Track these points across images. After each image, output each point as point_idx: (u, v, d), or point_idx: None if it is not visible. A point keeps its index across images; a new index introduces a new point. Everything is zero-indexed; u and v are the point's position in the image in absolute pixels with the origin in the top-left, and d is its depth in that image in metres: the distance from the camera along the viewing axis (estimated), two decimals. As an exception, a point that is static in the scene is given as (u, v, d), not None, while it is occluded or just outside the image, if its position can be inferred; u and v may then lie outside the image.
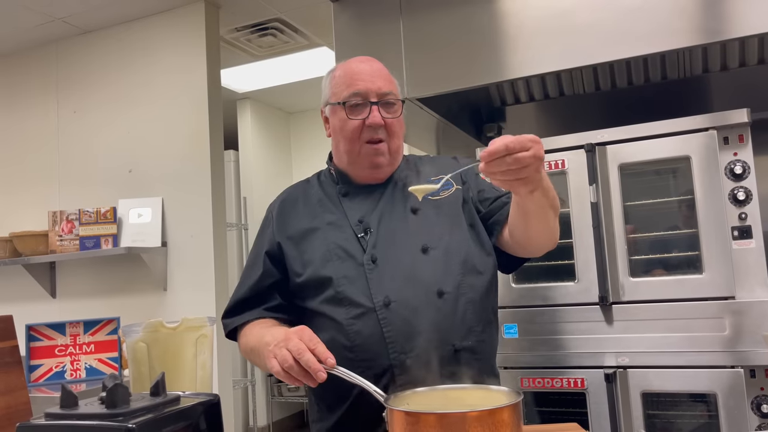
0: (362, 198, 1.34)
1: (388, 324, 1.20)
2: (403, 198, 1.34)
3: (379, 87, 1.31)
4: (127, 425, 0.71)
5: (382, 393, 0.98)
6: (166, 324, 0.99)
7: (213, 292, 3.25)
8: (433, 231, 1.29)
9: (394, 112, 1.33)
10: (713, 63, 2.24)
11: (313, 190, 1.42)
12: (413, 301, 1.21)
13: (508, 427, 0.82)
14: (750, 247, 1.91)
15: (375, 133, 1.31)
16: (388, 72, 1.37)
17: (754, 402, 1.85)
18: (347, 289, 1.24)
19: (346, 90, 1.32)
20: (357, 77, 1.32)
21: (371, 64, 1.36)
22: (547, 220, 1.23)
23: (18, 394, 1.03)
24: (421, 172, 1.39)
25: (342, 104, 1.32)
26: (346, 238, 1.29)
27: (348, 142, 1.33)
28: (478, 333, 1.25)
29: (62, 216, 3.37)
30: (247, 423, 4.90)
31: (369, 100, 1.30)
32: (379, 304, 1.21)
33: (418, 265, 1.25)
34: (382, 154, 1.32)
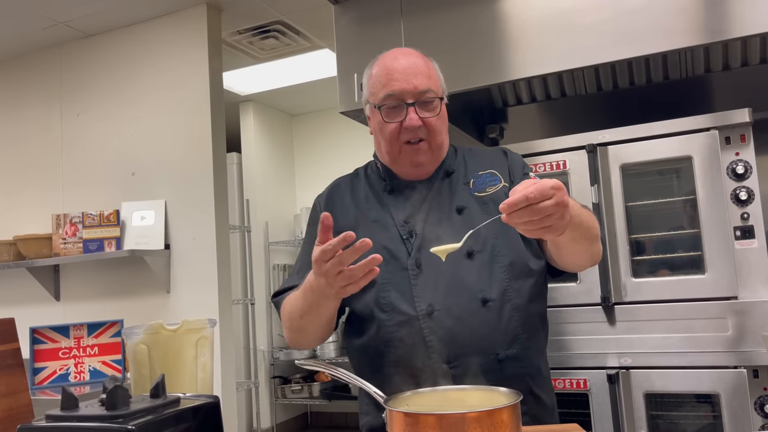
0: (407, 195, 1.32)
1: (431, 333, 1.18)
2: (449, 193, 1.31)
3: (415, 86, 1.26)
4: (127, 427, 0.71)
5: (381, 394, 0.98)
6: (166, 326, 1.00)
7: (216, 295, 3.25)
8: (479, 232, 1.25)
9: (432, 110, 1.28)
10: (715, 63, 2.24)
11: (360, 183, 1.40)
12: (456, 309, 1.19)
13: (507, 427, 0.82)
14: (752, 247, 1.90)
15: (414, 135, 1.27)
16: (426, 65, 1.30)
17: (757, 402, 1.85)
18: (391, 295, 1.23)
19: (381, 91, 1.28)
20: (391, 77, 1.27)
21: (407, 59, 1.29)
22: (581, 250, 1.19)
23: (20, 396, 1.03)
24: (469, 165, 1.37)
25: (378, 107, 1.29)
26: (391, 238, 1.27)
27: (387, 144, 1.30)
28: (524, 340, 1.22)
29: (66, 219, 3.38)
30: (250, 425, 4.90)
31: (405, 102, 1.26)
32: (422, 313, 1.20)
33: (463, 272, 1.22)
34: (423, 153, 1.29)
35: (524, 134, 2.73)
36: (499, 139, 2.82)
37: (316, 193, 1.49)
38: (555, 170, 2.16)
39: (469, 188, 1.32)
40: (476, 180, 1.33)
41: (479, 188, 1.31)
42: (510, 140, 2.76)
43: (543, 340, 1.33)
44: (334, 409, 5.23)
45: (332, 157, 5.41)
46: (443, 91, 1.33)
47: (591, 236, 1.19)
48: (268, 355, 5.03)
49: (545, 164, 2.18)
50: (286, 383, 5.02)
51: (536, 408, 1.24)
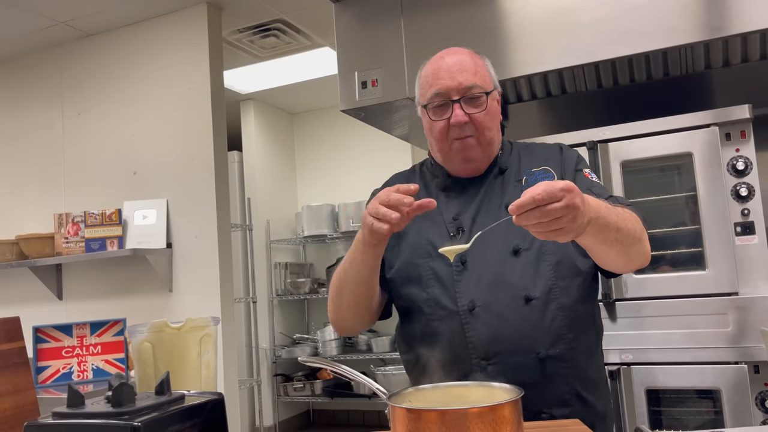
0: (459, 192, 1.33)
1: (471, 329, 1.19)
2: (500, 193, 1.31)
3: (460, 83, 1.26)
4: (133, 423, 0.72)
5: (384, 390, 0.99)
6: (170, 324, 1.00)
7: (218, 293, 3.26)
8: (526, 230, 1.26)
9: (479, 106, 1.27)
10: (715, 59, 2.24)
11: (415, 179, 1.41)
12: (498, 306, 1.19)
13: (508, 423, 0.83)
14: (753, 243, 1.91)
15: (462, 132, 1.28)
16: (473, 62, 1.30)
17: (758, 397, 1.85)
18: (434, 291, 1.24)
19: (428, 90, 1.30)
20: (437, 76, 1.29)
21: (454, 56, 1.30)
22: (614, 252, 1.15)
23: (26, 394, 1.04)
24: (522, 161, 1.36)
25: (425, 107, 1.30)
26: (439, 234, 1.28)
27: (437, 142, 1.32)
28: (569, 341, 1.20)
29: (68, 218, 3.39)
30: (253, 423, 4.92)
31: (450, 99, 1.27)
32: (464, 309, 1.20)
33: (507, 269, 1.22)
34: (473, 149, 1.29)
35: (525, 131, 2.73)
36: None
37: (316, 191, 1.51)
38: (556, 167, 2.17)
39: (521, 185, 1.31)
40: (529, 177, 1.33)
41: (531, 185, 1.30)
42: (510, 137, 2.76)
43: (594, 341, 1.30)
44: (336, 407, 5.24)
45: (333, 156, 5.41)
46: (494, 85, 1.33)
47: (626, 238, 1.13)
48: (270, 353, 5.04)
49: (546, 161, 2.18)
50: (288, 381, 5.04)
51: (584, 412, 1.19)
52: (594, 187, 1.28)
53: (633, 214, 1.20)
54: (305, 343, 5.03)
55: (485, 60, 1.35)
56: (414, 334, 1.28)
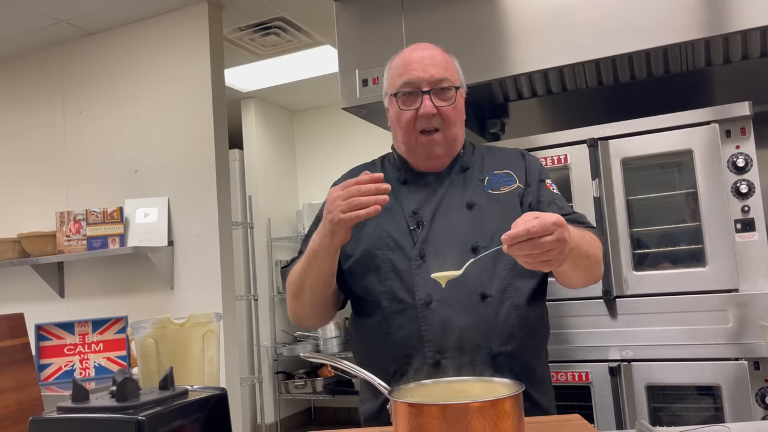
0: (420, 187, 1.34)
1: (427, 323, 1.20)
2: (461, 189, 1.33)
3: (431, 75, 1.29)
4: (137, 418, 0.72)
5: (386, 386, 0.99)
6: (173, 320, 1.01)
7: (219, 291, 3.27)
8: (486, 229, 1.27)
9: (447, 99, 1.30)
10: (716, 56, 2.24)
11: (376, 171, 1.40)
12: (454, 302, 1.20)
13: (509, 417, 0.84)
14: (753, 239, 1.91)
15: (429, 123, 1.29)
16: (444, 57, 1.34)
17: (758, 394, 1.86)
18: (392, 283, 1.25)
19: (398, 80, 1.32)
20: (409, 66, 1.30)
21: (426, 51, 1.33)
22: (577, 275, 1.21)
23: (30, 390, 1.05)
24: (485, 162, 1.38)
25: (395, 95, 1.32)
26: (399, 228, 1.29)
27: (404, 133, 1.33)
28: (520, 339, 1.23)
29: (69, 216, 3.40)
30: (254, 420, 4.93)
31: (420, 89, 1.29)
32: (420, 302, 1.21)
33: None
34: (439, 144, 1.31)
35: (525, 129, 2.74)
36: (500, 134, 2.83)
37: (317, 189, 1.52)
38: (556, 164, 2.17)
39: (483, 185, 1.33)
40: (491, 178, 1.35)
41: (493, 186, 1.33)
42: (511, 135, 2.77)
43: (541, 341, 1.33)
44: (337, 404, 5.25)
45: (333, 153, 5.42)
46: (461, 83, 1.36)
47: (591, 264, 1.21)
48: (271, 351, 5.05)
49: (546, 158, 2.19)
50: (290, 379, 5.05)
51: (531, 410, 1.23)
52: (557, 200, 1.35)
53: (595, 238, 1.27)
54: (306, 341, 5.04)
55: (454, 59, 1.38)
56: (369, 326, 1.28)
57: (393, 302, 1.24)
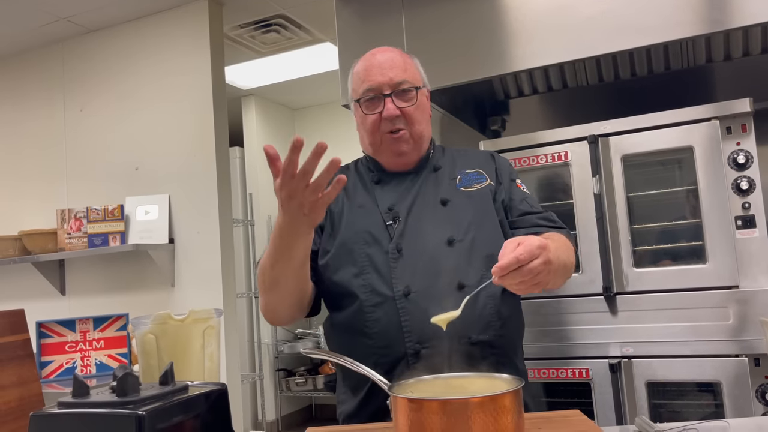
0: (394, 186, 1.37)
1: (406, 314, 1.22)
2: (435, 187, 1.36)
3: (391, 78, 1.33)
4: (138, 413, 0.73)
5: (386, 381, 1.00)
6: (173, 316, 1.01)
7: (220, 288, 3.27)
8: (461, 223, 1.30)
9: (409, 100, 1.34)
10: (717, 53, 2.24)
11: (350, 176, 1.45)
12: (432, 291, 1.22)
13: (509, 413, 0.84)
14: (753, 236, 1.91)
15: (393, 125, 1.33)
16: (403, 59, 1.37)
17: (758, 390, 1.86)
18: (370, 277, 1.26)
19: (360, 86, 1.36)
20: (369, 72, 1.35)
21: (385, 54, 1.37)
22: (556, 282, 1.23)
23: (31, 386, 1.05)
24: (457, 163, 1.41)
25: (358, 101, 1.36)
26: (375, 223, 1.31)
27: (369, 135, 1.37)
28: (497, 328, 1.26)
29: (70, 214, 3.40)
30: (256, 417, 4.94)
31: (382, 93, 1.33)
32: (399, 294, 1.23)
33: (442, 257, 1.26)
34: (404, 141, 1.35)
35: (526, 126, 2.74)
36: (501, 131, 2.83)
37: (318, 186, 1.51)
38: (557, 161, 2.17)
39: (456, 183, 1.37)
40: (463, 177, 1.39)
41: (465, 184, 1.37)
42: (512, 132, 2.77)
43: (517, 332, 1.36)
44: (338, 402, 5.25)
45: (334, 150, 5.36)
46: (423, 83, 1.40)
47: (565, 270, 1.24)
48: (272, 348, 5.06)
49: (547, 155, 2.19)
50: (291, 376, 5.05)
51: None
52: (528, 198, 1.40)
53: (568, 242, 1.31)
54: (307, 338, 5.05)
55: (414, 59, 1.42)
56: (347, 320, 1.29)
57: (371, 295, 1.25)
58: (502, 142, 2.32)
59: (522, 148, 2.23)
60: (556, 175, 2.22)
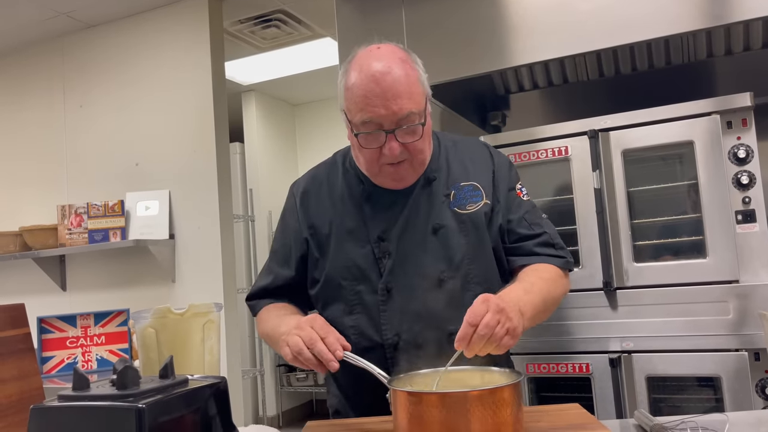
0: (385, 205, 1.26)
1: (395, 364, 1.19)
2: (428, 207, 1.26)
3: (394, 112, 1.14)
4: (138, 405, 0.73)
5: (385, 375, 1.00)
6: (173, 310, 1.02)
7: (221, 283, 3.28)
8: (453, 255, 1.23)
9: (414, 135, 1.17)
10: (717, 47, 2.24)
11: (337, 178, 1.35)
12: (422, 340, 1.19)
13: (508, 406, 0.84)
14: (754, 230, 1.91)
15: (394, 159, 1.18)
16: (407, 80, 1.16)
17: (758, 384, 1.86)
18: (359, 318, 1.23)
19: (358, 114, 1.16)
20: (368, 101, 1.14)
21: (386, 78, 1.14)
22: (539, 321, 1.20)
23: (31, 380, 1.05)
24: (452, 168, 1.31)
25: (354, 132, 1.19)
26: (365, 255, 1.24)
27: (367, 164, 1.23)
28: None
29: (71, 210, 3.40)
30: (256, 413, 4.95)
31: (383, 129, 1.15)
32: (388, 343, 1.20)
33: (432, 300, 1.20)
34: (405, 171, 1.22)
35: (526, 120, 2.73)
36: (501, 126, 2.82)
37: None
38: (557, 156, 2.17)
39: (449, 201, 1.27)
40: (457, 192, 1.28)
41: (459, 203, 1.27)
42: (512, 127, 2.77)
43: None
44: (339, 397, 5.26)
45: (334, 146, 5.34)
46: (426, 96, 1.22)
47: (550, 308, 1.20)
48: (273, 344, 5.06)
49: (547, 150, 2.18)
50: (292, 371, 5.06)
51: None
52: (527, 216, 1.30)
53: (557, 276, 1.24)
54: (308, 334, 5.05)
55: (416, 65, 1.22)
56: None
57: (361, 339, 1.22)
58: (502, 137, 2.32)
59: (522, 143, 2.22)
60: (557, 170, 2.22)
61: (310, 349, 1.03)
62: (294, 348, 1.04)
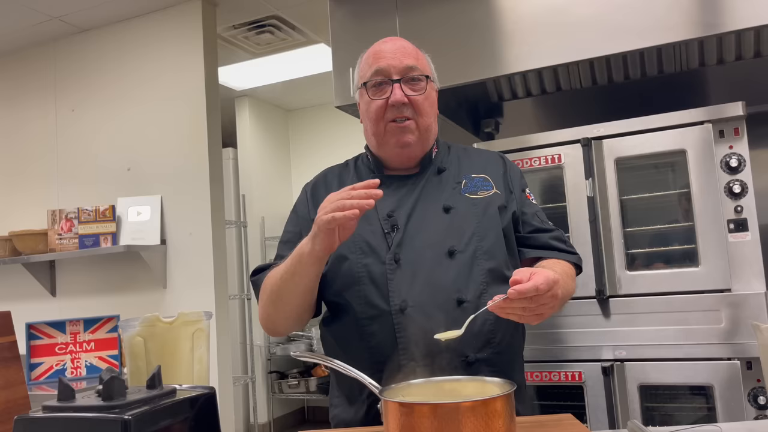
0: (395, 189, 1.30)
1: (402, 330, 1.18)
2: (438, 192, 1.29)
3: (401, 61, 1.27)
4: (123, 417, 0.71)
5: (377, 385, 0.99)
6: (162, 318, 1.00)
7: (212, 290, 3.26)
8: (463, 232, 1.24)
9: (419, 89, 1.28)
10: (710, 56, 2.25)
11: (348, 174, 1.39)
12: (429, 307, 1.18)
13: (501, 417, 0.83)
14: (746, 239, 1.91)
15: (400, 112, 1.27)
16: (414, 48, 1.33)
17: (750, 393, 1.86)
18: (366, 288, 1.22)
19: (368, 70, 1.30)
20: (379, 56, 1.29)
21: (396, 42, 1.32)
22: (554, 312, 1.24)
23: (17, 389, 1.03)
24: (462, 164, 1.35)
25: (364, 85, 1.30)
26: (373, 231, 1.25)
27: (373, 123, 1.29)
28: (496, 345, 1.22)
29: (61, 215, 3.38)
30: (248, 420, 4.91)
31: (391, 78, 1.27)
32: (395, 309, 1.19)
33: (441, 270, 1.21)
34: (410, 132, 1.27)
35: (520, 128, 2.74)
36: (494, 134, 2.82)
37: (312, 188, 1.47)
38: (550, 164, 2.17)
39: (461, 188, 1.31)
40: (468, 182, 1.32)
41: (470, 190, 1.31)
42: (505, 134, 2.77)
43: (517, 348, 1.32)
44: (330, 404, 5.23)
45: (328, 152, 5.40)
46: (433, 77, 1.34)
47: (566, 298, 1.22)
48: (264, 350, 5.04)
49: (540, 158, 2.19)
50: (283, 378, 5.03)
51: None
52: (539, 213, 1.36)
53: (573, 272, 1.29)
54: (300, 340, 5.03)
55: (427, 56, 1.37)
56: (343, 333, 1.26)
57: (367, 307, 1.21)
58: (495, 144, 2.32)
59: (515, 151, 2.22)
60: (550, 178, 2.22)
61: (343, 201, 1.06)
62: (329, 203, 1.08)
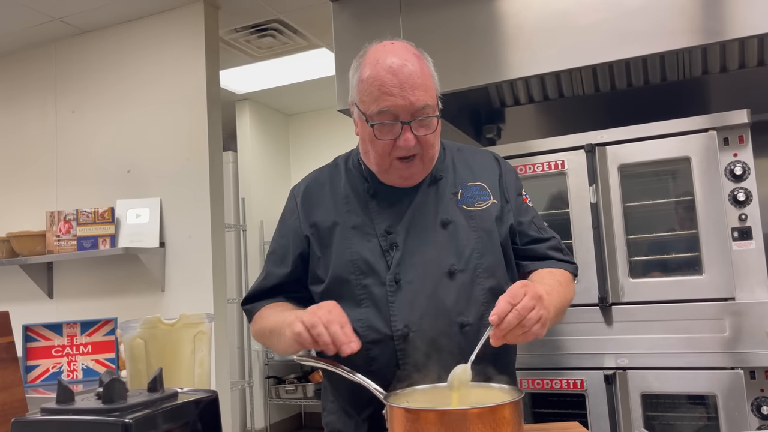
0: (391, 201, 1.25)
1: (405, 356, 1.16)
2: (435, 204, 1.25)
3: (412, 103, 1.14)
4: (124, 420, 0.70)
5: (382, 391, 0.97)
6: (164, 320, 0.98)
7: (211, 293, 3.24)
8: (463, 249, 1.22)
9: (429, 128, 1.18)
10: (713, 64, 2.24)
11: (340, 179, 1.33)
12: (432, 332, 1.16)
13: (509, 424, 0.82)
14: (750, 248, 1.90)
15: (408, 152, 1.18)
16: (422, 73, 1.17)
17: (754, 403, 1.85)
18: (368, 311, 1.19)
19: (373, 104, 1.16)
20: (385, 89, 1.14)
21: (403, 68, 1.15)
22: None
23: (14, 390, 1.02)
24: (457, 169, 1.31)
25: (369, 122, 1.18)
26: (371, 249, 1.22)
27: (378, 157, 1.21)
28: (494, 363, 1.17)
29: (60, 216, 3.36)
30: (244, 425, 4.88)
31: (399, 120, 1.15)
32: (398, 334, 1.16)
33: (442, 292, 1.18)
34: (416, 166, 1.21)
35: (522, 134, 2.73)
36: (496, 140, 2.82)
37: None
38: (553, 170, 2.16)
39: (457, 199, 1.27)
40: (465, 191, 1.28)
41: (467, 201, 1.27)
42: (507, 140, 2.76)
43: (513, 362, 1.33)
44: (328, 410, 5.20)
45: (328, 157, 5.30)
46: (438, 94, 1.23)
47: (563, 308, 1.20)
48: (262, 355, 5.01)
49: (543, 164, 2.18)
50: (281, 383, 5.00)
51: None
52: (535, 219, 1.34)
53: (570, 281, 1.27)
54: (298, 346, 5.00)
55: (428, 62, 1.23)
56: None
57: (369, 331, 1.18)
58: (497, 150, 2.31)
59: (518, 156, 2.22)
60: (553, 184, 2.21)
61: (326, 328, 1.02)
62: (309, 322, 1.02)
